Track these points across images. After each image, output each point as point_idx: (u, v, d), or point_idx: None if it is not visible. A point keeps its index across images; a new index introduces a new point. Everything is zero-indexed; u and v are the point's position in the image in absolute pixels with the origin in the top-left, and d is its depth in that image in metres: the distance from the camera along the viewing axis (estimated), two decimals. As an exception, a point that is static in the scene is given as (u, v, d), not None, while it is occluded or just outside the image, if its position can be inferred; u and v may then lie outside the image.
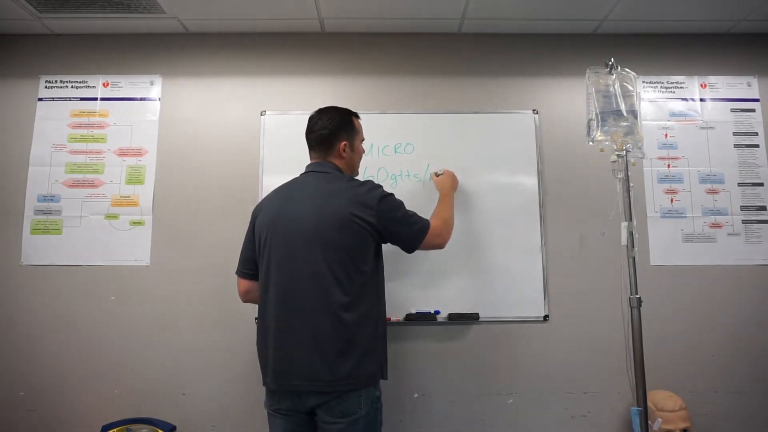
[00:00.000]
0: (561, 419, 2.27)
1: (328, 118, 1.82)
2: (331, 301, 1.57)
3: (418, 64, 2.50)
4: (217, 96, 2.47)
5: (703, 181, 2.44)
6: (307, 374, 1.57)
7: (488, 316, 2.29)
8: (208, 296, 2.31)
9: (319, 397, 1.58)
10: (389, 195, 1.75)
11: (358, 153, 1.89)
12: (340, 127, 1.82)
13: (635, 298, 1.71)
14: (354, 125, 1.86)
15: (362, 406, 1.58)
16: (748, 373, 2.30)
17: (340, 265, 1.60)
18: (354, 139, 1.85)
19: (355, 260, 1.63)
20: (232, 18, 2.39)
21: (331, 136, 1.80)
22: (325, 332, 1.57)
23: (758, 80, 2.51)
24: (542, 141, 2.43)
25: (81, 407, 2.24)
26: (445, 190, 2.12)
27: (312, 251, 1.61)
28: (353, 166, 1.88)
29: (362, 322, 1.61)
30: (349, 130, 1.84)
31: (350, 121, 1.86)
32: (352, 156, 1.85)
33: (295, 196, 1.72)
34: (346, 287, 1.60)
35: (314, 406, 1.59)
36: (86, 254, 2.34)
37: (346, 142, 1.81)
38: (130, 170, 2.41)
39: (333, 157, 1.81)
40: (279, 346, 1.61)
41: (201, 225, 2.35)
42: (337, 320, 1.57)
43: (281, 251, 1.66)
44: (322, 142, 1.81)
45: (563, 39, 2.53)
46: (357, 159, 1.89)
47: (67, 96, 2.46)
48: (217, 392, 2.25)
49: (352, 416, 1.56)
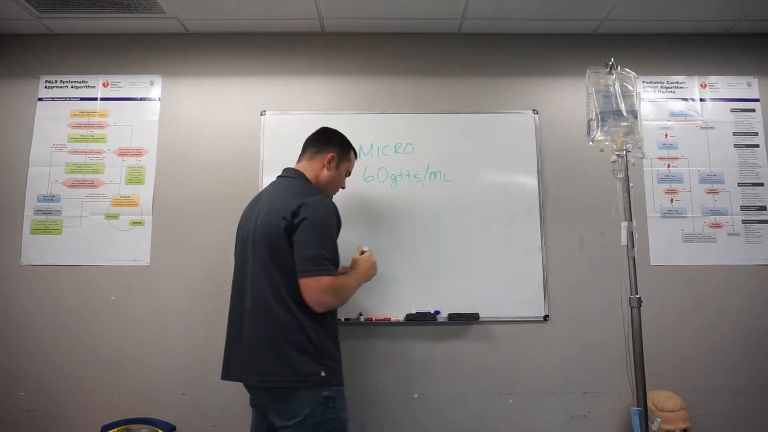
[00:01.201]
0: (561, 419, 2.27)
1: (332, 132, 1.91)
2: (267, 302, 1.62)
3: (418, 64, 2.50)
4: (217, 96, 2.47)
5: (703, 181, 2.44)
6: (242, 368, 1.67)
7: (488, 316, 2.29)
8: (208, 296, 2.31)
9: (255, 392, 1.71)
10: (317, 216, 1.64)
11: (339, 177, 1.90)
12: (336, 144, 1.88)
13: (635, 298, 1.71)
14: (349, 153, 1.93)
15: (305, 406, 1.57)
16: (748, 373, 2.30)
17: (273, 268, 1.64)
18: (342, 160, 1.89)
19: (285, 264, 1.63)
20: (232, 18, 2.39)
21: (325, 142, 1.87)
22: (260, 331, 1.63)
23: (758, 80, 2.51)
24: (542, 141, 2.43)
25: (81, 407, 2.24)
26: (359, 272, 1.84)
27: (254, 255, 1.69)
28: (328, 185, 1.86)
29: (299, 323, 1.60)
30: (344, 151, 1.90)
31: (348, 148, 1.93)
32: (333, 175, 1.85)
33: (255, 204, 1.80)
34: (279, 289, 1.62)
35: (263, 406, 1.69)
36: (86, 254, 2.34)
37: (334, 155, 1.85)
38: (130, 170, 2.41)
39: (314, 162, 1.84)
40: (228, 341, 1.76)
41: (201, 225, 2.36)
42: (271, 320, 1.61)
43: (237, 255, 1.82)
44: (314, 144, 1.87)
45: (563, 39, 2.53)
46: (335, 181, 1.88)
47: (67, 96, 2.46)
48: (217, 392, 2.24)
49: (296, 418, 1.57)
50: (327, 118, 2.37)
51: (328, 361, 1.63)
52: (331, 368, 1.64)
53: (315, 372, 1.59)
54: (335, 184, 1.89)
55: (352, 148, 1.95)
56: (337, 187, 1.92)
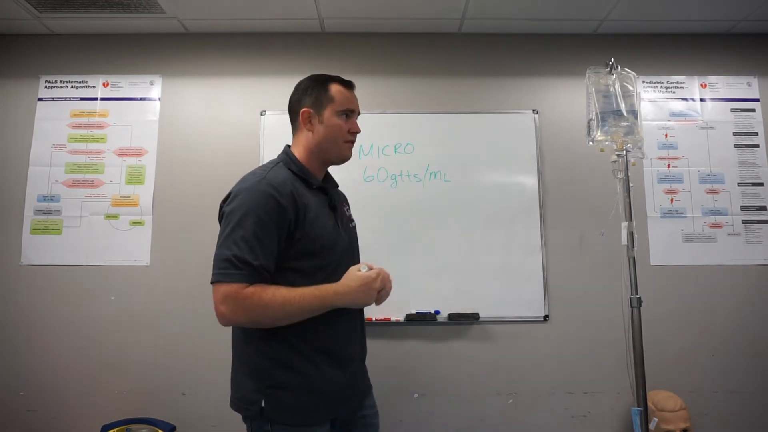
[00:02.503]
0: (561, 419, 2.27)
1: (299, 83, 1.49)
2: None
3: (418, 64, 2.50)
4: (217, 96, 2.47)
5: (703, 181, 2.43)
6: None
7: (488, 316, 2.29)
8: (208, 296, 2.29)
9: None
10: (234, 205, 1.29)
11: (331, 127, 1.42)
12: (305, 94, 1.44)
13: (635, 298, 1.71)
14: (327, 88, 1.44)
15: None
16: (748, 373, 2.30)
17: None
18: (322, 105, 1.42)
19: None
20: (232, 18, 2.39)
21: (295, 101, 1.46)
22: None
23: (758, 80, 2.51)
24: (542, 141, 2.43)
25: (81, 407, 2.24)
26: (338, 289, 1.34)
27: None
28: (322, 147, 1.43)
29: (244, 339, 1.36)
30: (318, 92, 1.43)
31: (323, 83, 1.45)
32: (320, 131, 1.42)
33: None
34: None
35: None
36: (86, 254, 2.34)
37: (307, 109, 1.42)
38: (130, 170, 2.41)
39: (298, 134, 1.46)
40: None
41: (201, 225, 2.35)
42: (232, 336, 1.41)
43: None
44: (289, 115, 1.49)
45: (563, 39, 2.53)
46: (329, 136, 1.42)
47: (67, 96, 2.46)
48: (217, 392, 2.24)
49: None
50: (327, 118, 2.37)
51: (272, 390, 1.30)
52: (276, 398, 1.30)
53: (255, 400, 1.30)
54: (330, 139, 1.43)
55: (331, 80, 1.46)
56: (337, 140, 1.44)
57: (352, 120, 1.47)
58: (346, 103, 1.44)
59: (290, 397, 1.30)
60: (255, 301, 1.25)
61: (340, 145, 1.44)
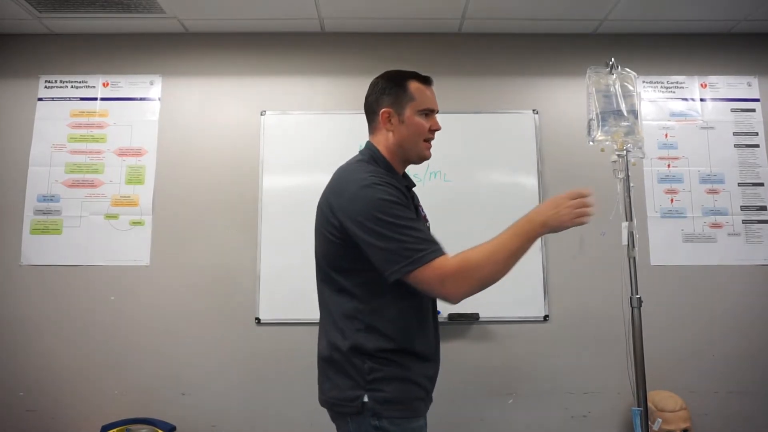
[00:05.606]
0: (561, 419, 2.27)
1: (374, 84, 1.48)
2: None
3: (418, 64, 2.47)
4: (217, 96, 2.47)
5: (703, 181, 2.43)
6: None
7: (488, 316, 2.29)
8: (208, 296, 2.31)
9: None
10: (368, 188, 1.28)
11: (413, 126, 1.41)
12: (385, 93, 1.43)
13: (635, 298, 1.70)
14: (405, 86, 1.42)
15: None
16: (748, 373, 2.30)
17: (327, 273, 1.37)
18: (403, 105, 1.41)
19: (334, 268, 1.36)
20: (232, 18, 2.39)
21: (374, 102, 1.45)
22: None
23: (758, 80, 2.51)
24: (542, 141, 2.43)
25: (81, 407, 2.24)
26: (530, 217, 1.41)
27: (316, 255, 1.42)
28: (404, 147, 1.43)
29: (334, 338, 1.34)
30: (399, 92, 1.42)
31: (400, 83, 1.43)
32: (401, 132, 1.41)
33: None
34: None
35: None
36: (86, 254, 2.34)
37: (388, 109, 1.41)
38: (130, 170, 2.41)
39: (377, 133, 1.45)
40: None
41: (201, 225, 2.35)
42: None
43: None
44: (366, 113, 1.48)
45: (563, 39, 2.53)
46: (410, 137, 1.42)
47: (66, 96, 2.46)
48: (217, 392, 2.24)
49: None
50: (327, 118, 2.37)
51: (375, 384, 1.29)
52: (380, 392, 1.28)
53: (355, 397, 1.28)
54: (412, 139, 1.43)
55: (409, 77, 1.44)
56: (418, 140, 1.44)
57: (433, 118, 1.47)
58: (426, 102, 1.43)
59: (394, 389, 1.29)
60: (468, 264, 1.30)
61: (420, 144, 1.45)
